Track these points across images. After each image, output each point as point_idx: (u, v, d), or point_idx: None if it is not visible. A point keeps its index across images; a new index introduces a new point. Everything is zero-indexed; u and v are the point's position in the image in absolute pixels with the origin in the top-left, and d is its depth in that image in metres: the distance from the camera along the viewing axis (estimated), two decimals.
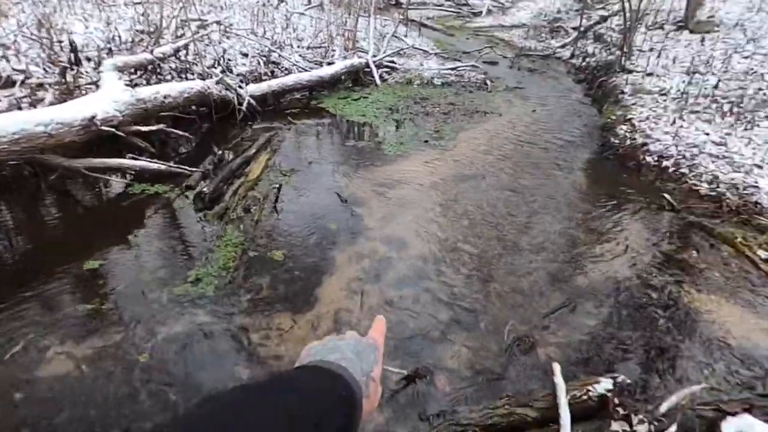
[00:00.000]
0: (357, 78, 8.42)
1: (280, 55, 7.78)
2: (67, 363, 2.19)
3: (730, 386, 2.25)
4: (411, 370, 2.21)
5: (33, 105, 4.16)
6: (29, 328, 2.38)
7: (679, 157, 5.03)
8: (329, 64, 8.08)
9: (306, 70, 7.54)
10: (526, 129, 6.35)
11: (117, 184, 3.96)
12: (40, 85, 4.56)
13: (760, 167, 4.70)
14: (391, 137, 5.68)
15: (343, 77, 8.13)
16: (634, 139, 5.56)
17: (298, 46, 9.04)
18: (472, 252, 3.35)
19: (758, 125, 5.48)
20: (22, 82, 4.49)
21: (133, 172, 4.05)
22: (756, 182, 4.47)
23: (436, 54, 11.14)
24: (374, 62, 8.62)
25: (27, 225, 3.44)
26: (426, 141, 5.61)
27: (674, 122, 5.77)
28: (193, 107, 5.48)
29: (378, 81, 8.29)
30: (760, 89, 6.28)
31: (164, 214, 3.61)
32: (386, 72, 9.17)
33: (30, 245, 3.22)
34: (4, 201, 3.63)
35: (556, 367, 2.15)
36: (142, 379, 2.13)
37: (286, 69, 7.92)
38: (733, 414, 1.98)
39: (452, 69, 9.82)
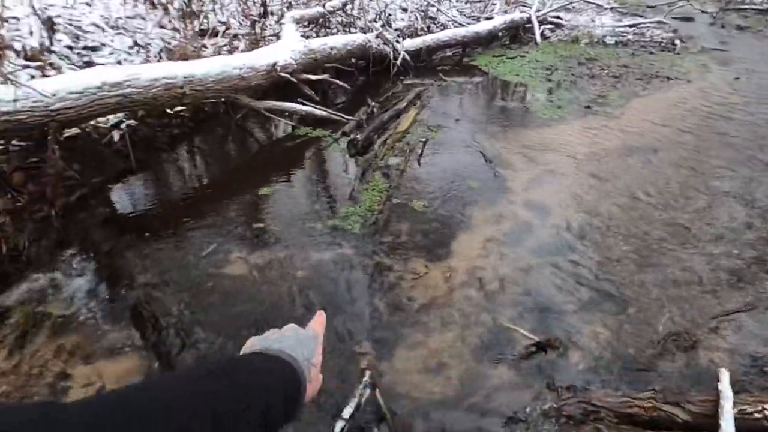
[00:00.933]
0: (516, 35, 7.87)
1: (438, 10, 7.64)
2: (243, 267, 2.66)
3: None
4: (543, 338, 2.13)
5: (230, 52, 4.89)
6: (218, 236, 2.93)
7: None
8: (487, 19, 7.69)
9: (462, 26, 7.31)
10: (723, 100, 5.22)
11: (286, 126, 4.48)
12: (236, 36, 5.32)
13: None
14: (547, 100, 5.24)
15: (500, 34, 7.68)
16: None
17: (457, 0, 8.75)
18: (630, 232, 2.98)
19: None
20: (223, 32, 5.29)
21: (299, 116, 4.53)
22: None
23: (611, 8, 9.72)
24: (537, 17, 7.91)
25: (219, 153, 4.16)
26: (587, 106, 5.04)
27: None
28: (353, 60, 5.80)
29: (539, 38, 7.63)
30: None
31: (322, 155, 4.00)
32: (549, 29, 8.36)
33: (219, 170, 3.91)
34: (204, 132, 4.42)
35: (724, 374, 1.84)
36: (297, 290, 2.47)
37: (442, 24, 7.79)
38: None
39: (631, 26, 8.50)
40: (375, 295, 2.48)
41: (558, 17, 8.61)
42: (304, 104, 4.44)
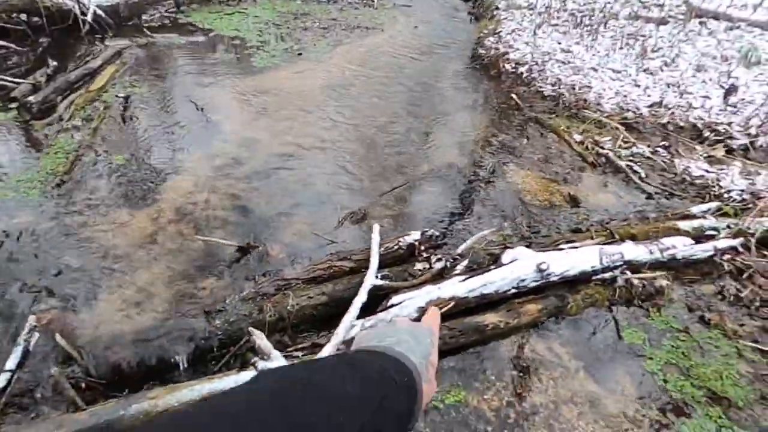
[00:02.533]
0: None
1: None
2: None
3: (519, 232, 2.73)
4: (242, 243, 2.36)
5: None
6: None
7: (532, 63, 5.49)
8: None
9: None
10: (405, 44, 6.43)
11: None
12: None
13: (595, 70, 5.33)
14: (263, 51, 5.45)
15: None
16: (498, 49, 5.92)
17: None
18: (328, 147, 3.50)
19: (602, 36, 6.11)
20: None
21: None
22: (590, 83, 5.08)
23: None
24: None
25: None
26: (299, 54, 5.47)
27: (534, 33, 6.21)
28: (22, 18, 4.75)
29: None
30: (608, 3, 6.91)
31: None
32: None
33: None
34: None
35: (375, 227, 2.43)
36: None
37: None
38: (512, 247, 2.42)
39: None
40: (65, 255, 2.26)
41: None
42: None
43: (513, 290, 2.27)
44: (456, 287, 2.16)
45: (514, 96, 4.70)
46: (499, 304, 2.25)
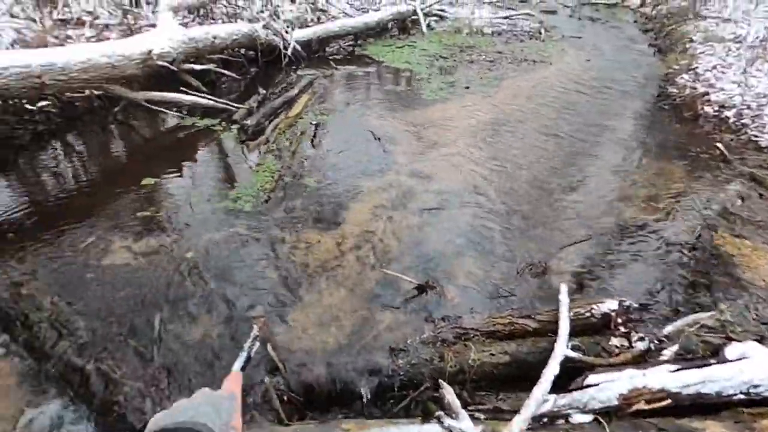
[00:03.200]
0: (404, 26, 8.28)
1: (327, 1, 7.77)
2: (127, 255, 2.56)
3: (745, 320, 2.23)
4: (422, 281, 2.37)
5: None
6: (99, 227, 2.77)
7: (742, 107, 4.63)
8: (376, 10, 7.98)
9: (351, 17, 7.52)
10: (576, 78, 6.04)
11: (172, 118, 4.29)
12: (106, 26, 4.94)
13: None
14: (432, 83, 5.64)
15: (389, 25, 8.03)
16: (695, 88, 5.15)
17: None
18: (499, 188, 3.39)
19: None
20: (91, 23, 4.88)
21: (186, 107, 4.36)
22: None
23: (489, 2, 10.61)
24: (422, 10, 8.39)
25: (97, 150, 3.87)
26: (467, 87, 5.52)
27: (745, 71, 5.26)
28: (242, 51, 5.71)
29: (425, 29, 8.11)
30: None
31: (211, 144, 3.92)
32: (434, 20, 8.93)
33: (99, 166, 3.64)
34: (77, 129, 4.08)
35: (563, 287, 2.23)
36: (187, 270, 2.45)
37: (333, 16, 7.93)
38: (738, 340, 1.98)
39: (505, 17, 9.37)
40: (269, 267, 2.55)
41: (442, 10, 9.22)
42: (188, 94, 4.30)
43: (741, 395, 1.84)
44: (665, 378, 1.83)
45: (718, 145, 4.01)
46: (719, 408, 1.84)
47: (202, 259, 2.55)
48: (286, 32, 6.10)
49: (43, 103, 3.88)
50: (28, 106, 3.77)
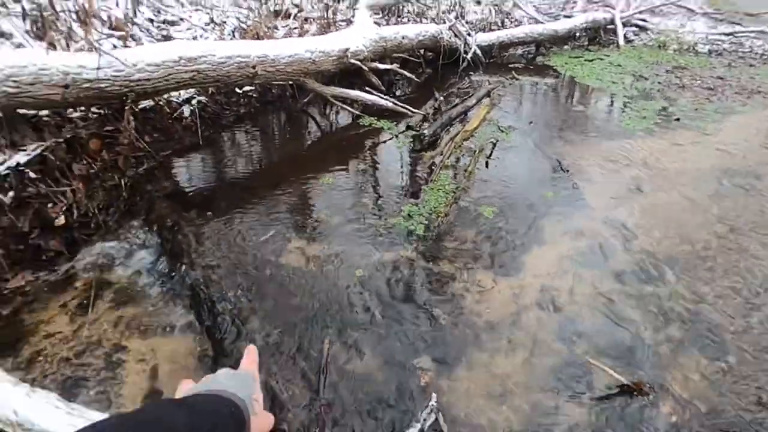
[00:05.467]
0: (596, 36, 7.37)
1: (514, 4, 7.26)
2: (301, 258, 2.56)
3: None
4: (631, 381, 1.87)
5: (300, 34, 4.82)
6: (277, 222, 2.86)
7: None
8: (567, 17, 7.22)
9: (539, 22, 6.90)
10: None
11: (349, 115, 4.36)
12: (307, 19, 5.25)
13: None
14: (631, 109, 4.80)
15: (579, 34, 7.21)
16: None
17: None
18: (729, 266, 2.62)
19: None
20: (295, 15, 5.23)
21: (363, 106, 4.39)
22: None
23: (705, 14, 8.88)
24: (621, 19, 7.34)
25: (283, 136, 4.11)
26: (677, 119, 4.57)
27: None
28: (422, 51, 5.60)
29: (621, 41, 7.10)
30: None
31: (385, 147, 3.85)
32: (633, 32, 7.78)
33: (282, 154, 3.85)
34: (268, 114, 4.40)
35: None
36: (355, 290, 2.34)
37: (516, 20, 7.41)
38: None
39: (728, 34, 7.72)
40: (437, 306, 2.31)
41: (644, 20, 7.96)
42: (370, 93, 4.31)
43: None
44: None
45: None
46: None
47: (370, 280, 2.42)
48: (469, 35, 5.82)
49: (247, 88, 4.24)
50: (237, 90, 4.15)
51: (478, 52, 5.80)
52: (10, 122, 2.69)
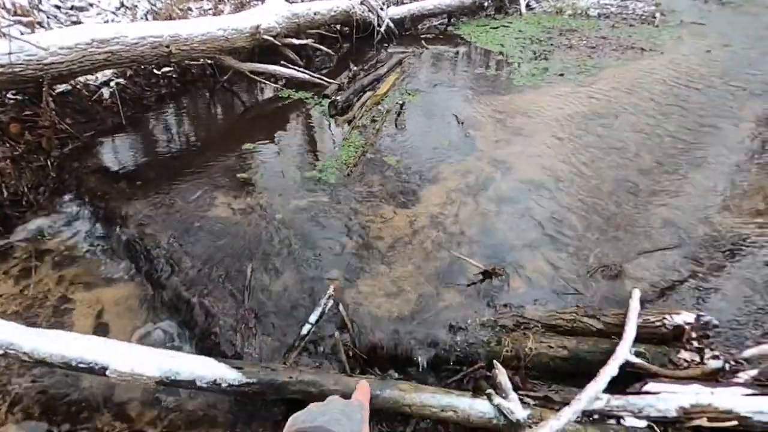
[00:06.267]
0: (501, 6, 7.98)
1: None
2: (227, 210, 2.92)
3: None
4: (489, 267, 2.44)
5: (215, 14, 5.00)
6: (204, 185, 3.17)
7: None
8: None
9: None
10: (691, 72, 5.45)
11: (269, 88, 4.66)
12: (220, 0, 5.41)
13: None
14: (524, 68, 5.44)
15: (486, 3, 7.78)
16: None
17: None
18: (582, 185, 3.28)
19: None
20: None
21: (283, 80, 4.70)
22: None
23: None
24: None
25: (206, 113, 4.36)
26: (561, 74, 5.26)
27: None
28: (337, 27, 5.93)
29: (524, 9, 7.76)
30: None
31: (303, 115, 4.22)
32: (535, 1, 8.47)
33: (206, 128, 4.11)
34: (190, 93, 4.60)
35: (635, 292, 2.17)
36: (276, 229, 2.75)
37: None
38: None
39: None
40: (346, 235, 2.76)
41: None
42: (287, 67, 4.62)
43: None
44: (737, 401, 1.75)
45: None
46: None
47: (289, 221, 2.83)
48: (381, 9, 6.21)
49: (166, 69, 4.42)
50: (155, 71, 4.32)
51: (391, 25, 6.21)
52: None
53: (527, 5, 7.95)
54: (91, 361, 1.70)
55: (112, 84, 3.86)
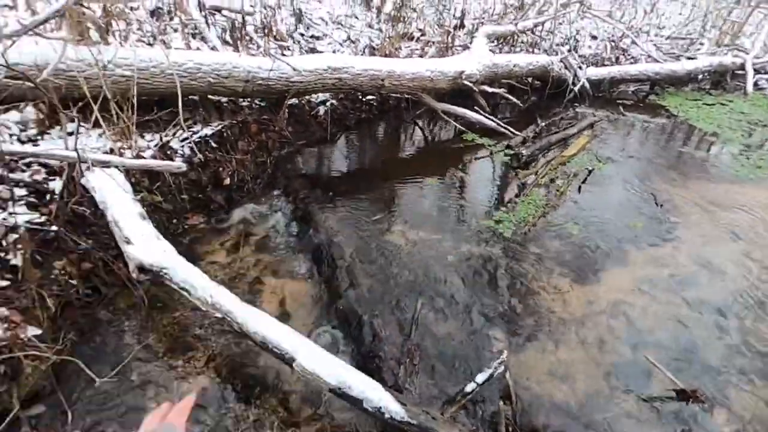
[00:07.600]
0: (720, 80, 7.06)
1: (632, 42, 7.24)
2: (401, 238, 3.06)
3: None
4: (687, 387, 2.06)
5: (421, 56, 5.44)
6: (385, 209, 3.40)
7: None
8: (690, 58, 7.02)
9: (657, 61, 6.81)
10: None
11: (452, 129, 4.84)
12: (428, 42, 5.87)
13: None
14: (745, 156, 4.65)
15: (701, 76, 6.96)
16: None
17: (656, 35, 8.15)
18: None
19: None
20: (418, 38, 5.88)
21: (468, 123, 4.83)
22: None
23: None
24: (755, 65, 6.96)
25: (395, 141, 4.72)
26: None
27: None
28: (530, 79, 5.91)
29: (750, 88, 6.73)
30: None
31: (485, 161, 4.25)
32: (766, 80, 7.28)
33: (393, 155, 4.43)
34: (384, 121, 5.04)
35: None
36: (445, 270, 2.78)
37: (632, 57, 7.37)
38: None
39: None
40: (515, 296, 2.65)
41: None
42: (477, 112, 4.74)
43: None
44: None
45: None
46: None
47: (459, 265, 2.84)
48: (580, 68, 6.00)
49: (370, 97, 4.93)
50: (360, 97, 4.85)
51: (587, 85, 5.95)
52: (204, 104, 3.58)
53: (756, 84, 6.86)
54: (285, 349, 1.91)
55: (327, 104, 4.44)
